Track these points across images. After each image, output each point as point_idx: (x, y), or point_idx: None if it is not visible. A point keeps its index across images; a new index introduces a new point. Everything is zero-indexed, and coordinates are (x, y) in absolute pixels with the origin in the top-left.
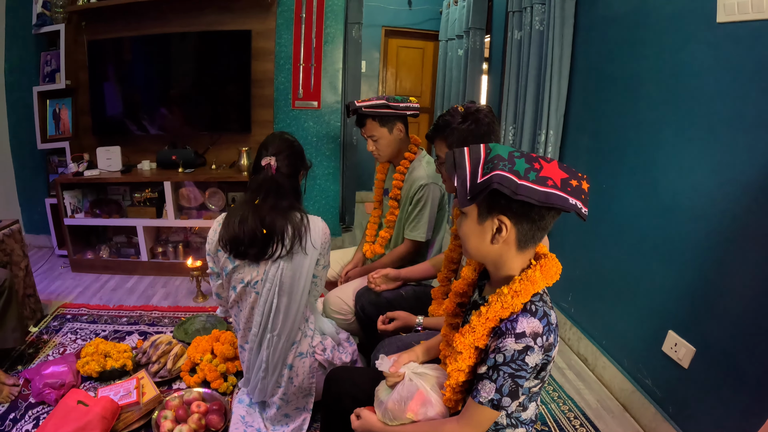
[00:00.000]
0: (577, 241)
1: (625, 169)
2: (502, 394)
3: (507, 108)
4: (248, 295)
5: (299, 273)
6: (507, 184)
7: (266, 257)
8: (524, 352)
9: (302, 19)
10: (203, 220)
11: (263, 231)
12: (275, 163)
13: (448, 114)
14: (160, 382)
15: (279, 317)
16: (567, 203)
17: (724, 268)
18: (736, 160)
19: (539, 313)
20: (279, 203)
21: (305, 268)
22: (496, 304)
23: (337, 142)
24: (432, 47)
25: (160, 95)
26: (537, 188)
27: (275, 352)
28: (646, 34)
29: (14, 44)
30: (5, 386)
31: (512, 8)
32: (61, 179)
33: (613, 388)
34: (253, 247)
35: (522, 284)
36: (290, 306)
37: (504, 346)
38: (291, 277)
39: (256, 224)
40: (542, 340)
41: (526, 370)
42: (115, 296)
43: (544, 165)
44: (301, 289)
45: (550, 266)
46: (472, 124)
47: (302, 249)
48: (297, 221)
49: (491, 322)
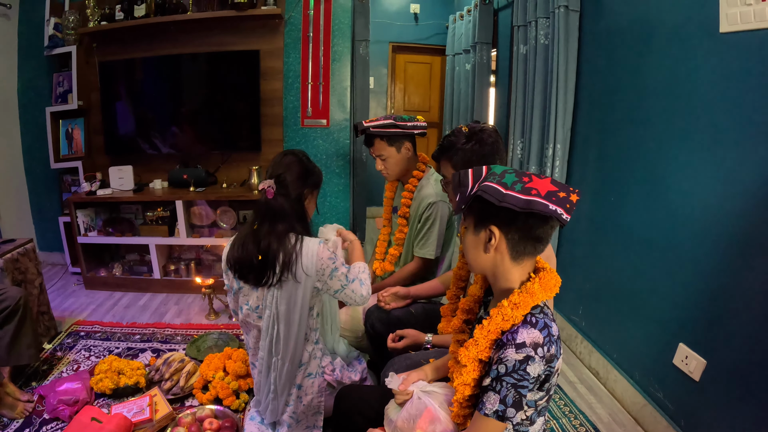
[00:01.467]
0: (587, 254)
1: (632, 181)
2: (506, 404)
3: (515, 122)
4: (252, 319)
5: (293, 302)
6: (492, 192)
7: (263, 284)
8: (525, 362)
9: (309, 38)
10: (215, 238)
11: (259, 257)
12: (272, 187)
13: (453, 134)
14: (172, 400)
15: (280, 343)
16: (547, 209)
17: (733, 280)
18: (743, 169)
19: (539, 324)
20: (275, 228)
21: (299, 297)
22: (497, 316)
23: (347, 159)
24: (439, 62)
25: (171, 115)
26: (520, 196)
27: (281, 375)
28: (650, 46)
29: (27, 66)
30: (20, 402)
31: (517, 22)
32: (75, 198)
33: (624, 401)
34: (252, 273)
35: (521, 296)
36: (289, 332)
37: (505, 356)
38: (286, 305)
39: (252, 249)
40: (543, 350)
41: (529, 380)
42: (128, 313)
43: (534, 179)
44: (297, 316)
45: (549, 279)
46: (476, 145)
47: (292, 277)
48: (289, 247)
49: (493, 334)
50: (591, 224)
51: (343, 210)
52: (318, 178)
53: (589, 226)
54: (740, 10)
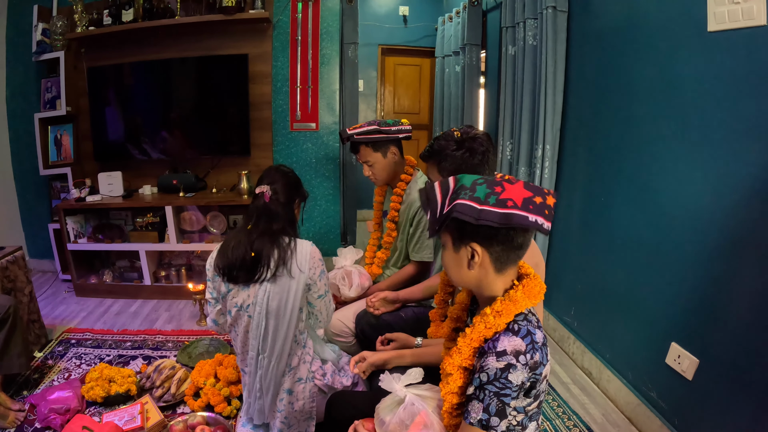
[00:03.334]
0: (578, 255)
1: (622, 180)
2: (489, 413)
3: (504, 123)
4: (242, 319)
5: (286, 296)
6: (467, 211)
7: (255, 280)
8: (506, 370)
9: (298, 41)
10: (205, 243)
11: (251, 254)
12: (269, 191)
13: (444, 138)
14: (164, 407)
15: (268, 340)
16: (527, 221)
17: (725, 279)
18: (732, 168)
19: (522, 331)
20: (269, 227)
21: (292, 292)
22: (480, 324)
23: (336, 163)
24: (429, 64)
25: (160, 120)
26: (497, 211)
27: (266, 373)
28: (638, 46)
29: (15, 72)
30: (11, 411)
31: (506, 24)
32: (64, 205)
33: (618, 401)
34: (243, 271)
35: (504, 304)
36: (278, 329)
37: (486, 365)
38: (278, 300)
39: (246, 248)
40: (525, 357)
41: (511, 389)
42: (119, 320)
43: (507, 187)
44: (288, 312)
45: (533, 286)
46: (467, 153)
47: (287, 272)
48: (284, 245)
49: (475, 342)
50: (581, 225)
51: (333, 213)
52: (305, 192)
53: (579, 226)
54: (728, 9)
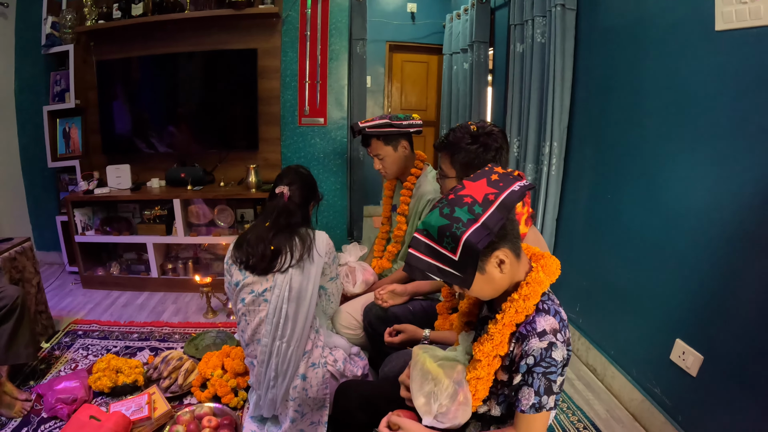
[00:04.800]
0: (584, 251)
1: (629, 178)
2: (540, 395)
3: (511, 121)
4: (257, 305)
5: (307, 279)
6: (479, 235)
7: (274, 270)
8: (550, 349)
9: (307, 36)
10: (212, 236)
11: (271, 248)
12: (288, 191)
13: (459, 131)
14: (171, 398)
15: (288, 324)
16: (516, 194)
17: (729, 276)
18: (739, 167)
19: (552, 310)
20: (288, 224)
21: (312, 274)
22: (510, 309)
23: (344, 158)
24: (436, 61)
25: (169, 114)
26: (493, 211)
27: (284, 360)
28: (646, 44)
29: (24, 64)
30: (18, 401)
31: (514, 21)
32: (72, 197)
33: (622, 397)
34: (262, 263)
35: (530, 287)
36: (298, 312)
37: (530, 347)
38: (299, 283)
39: (265, 243)
40: (562, 335)
41: (556, 366)
42: (126, 312)
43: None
44: (309, 294)
45: (550, 264)
46: (481, 147)
47: (309, 257)
48: (303, 234)
49: (508, 328)
50: (587, 222)
51: (340, 208)
52: (320, 195)
53: (585, 223)
54: (735, 8)
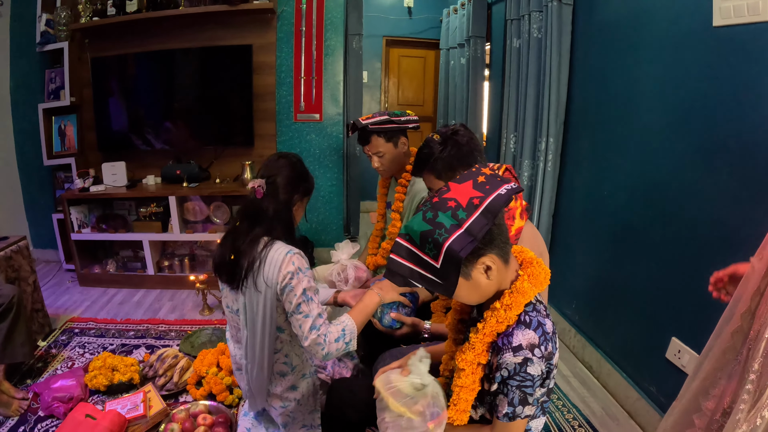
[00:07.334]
0: (580, 248)
1: (625, 175)
2: (514, 405)
3: (508, 116)
4: (235, 322)
5: (255, 310)
6: (462, 242)
7: (236, 285)
8: (524, 365)
9: (302, 32)
10: (208, 233)
11: (231, 256)
12: (261, 187)
13: (426, 146)
14: (166, 395)
15: (248, 349)
16: (503, 197)
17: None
18: (736, 163)
19: (533, 323)
20: (252, 229)
21: (260, 308)
22: (491, 319)
23: (340, 154)
24: (433, 56)
25: (164, 110)
26: (478, 216)
27: (252, 379)
28: (643, 39)
29: (19, 62)
30: (15, 400)
31: (510, 16)
32: (68, 195)
33: (618, 395)
34: (223, 272)
35: (513, 297)
36: (254, 342)
37: (504, 361)
38: (249, 313)
39: (228, 247)
40: (540, 350)
41: (532, 380)
42: (122, 310)
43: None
44: (260, 329)
45: (538, 274)
46: (453, 149)
47: (253, 284)
48: (255, 252)
49: (488, 338)
50: (584, 218)
51: (336, 204)
52: (310, 185)
53: (581, 220)
54: (733, 4)
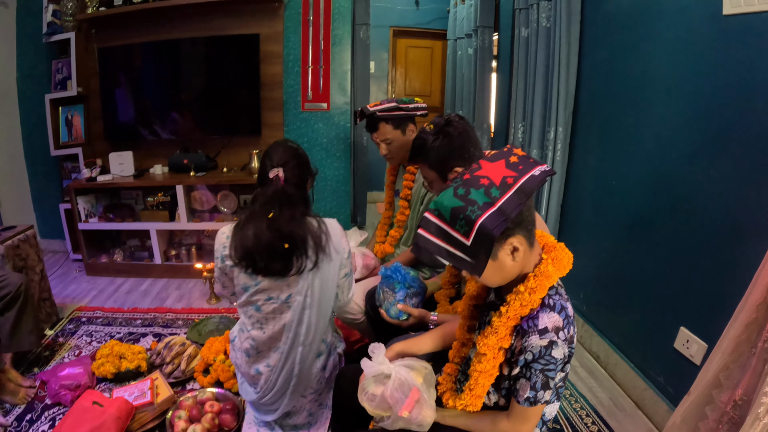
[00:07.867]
0: (588, 238)
1: (634, 165)
2: (536, 389)
3: (516, 106)
4: (279, 312)
5: (326, 280)
6: (495, 220)
7: (294, 272)
8: (550, 347)
9: (309, 21)
10: (215, 222)
11: (284, 245)
12: (283, 174)
13: (419, 137)
14: (174, 383)
15: (311, 330)
16: (536, 179)
17: (735, 264)
18: (746, 154)
19: (557, 306)
20: (294, 213)
21: (332, 275)
22: (515, 302)
23: (348, 143)
24: (440, 46)
25: (171, 100)
26: (511, 195)
27: (304, 364)
28: (652, 28)
29: (26, 53)
30: (22, 388)
31: (519, 5)
32: (75, 185)
33: (625, 385)
34: (275, 262)
35: (537, 280)
36: (320, 317)
37: (529, 344)
38: (319, 287)
39: (274, 238)
40: (564, 333)
41: (555, 364)
42: (129, 299)
43: (485, 168)
44: (329, 297)
45: (562, 257)
46: (445, 139)
47: (327, 255)
48: (315, 229)
49: (512, 321)
50: (592, 208)
51: (344, 194)
52: (314, 169)
53: (590, 209)
54: None
